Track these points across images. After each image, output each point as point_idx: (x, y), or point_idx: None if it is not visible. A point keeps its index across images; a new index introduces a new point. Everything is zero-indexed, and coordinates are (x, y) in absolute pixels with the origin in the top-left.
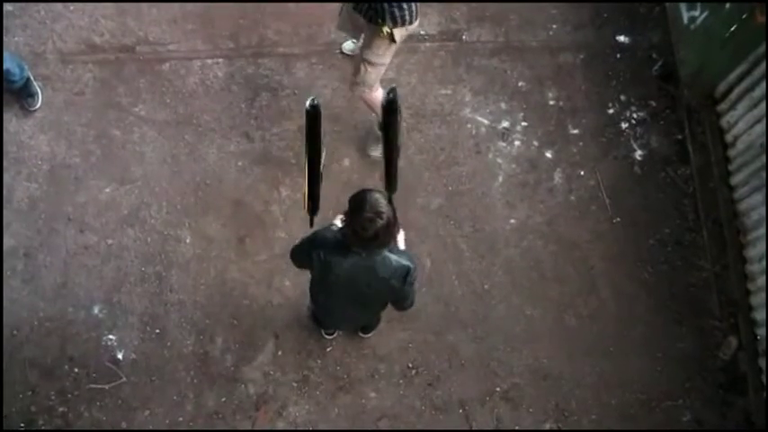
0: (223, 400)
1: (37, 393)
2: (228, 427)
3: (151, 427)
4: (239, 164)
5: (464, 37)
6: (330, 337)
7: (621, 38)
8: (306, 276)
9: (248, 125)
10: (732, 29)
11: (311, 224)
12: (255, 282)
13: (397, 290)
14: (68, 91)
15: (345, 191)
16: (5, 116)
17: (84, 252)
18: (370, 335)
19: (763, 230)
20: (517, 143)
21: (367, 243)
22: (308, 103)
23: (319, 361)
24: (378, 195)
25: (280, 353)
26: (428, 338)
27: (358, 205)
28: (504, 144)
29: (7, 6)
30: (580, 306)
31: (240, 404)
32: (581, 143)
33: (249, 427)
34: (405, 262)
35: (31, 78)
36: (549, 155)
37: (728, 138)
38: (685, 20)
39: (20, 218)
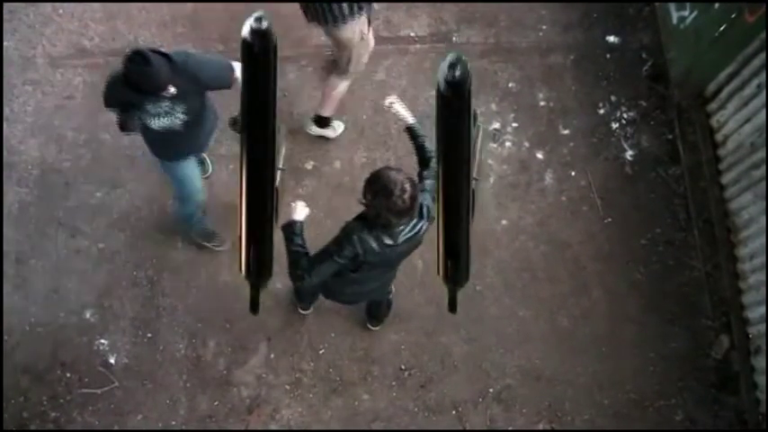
0: (216, 403)
1: (29, 399)
2: (221, 431)
3: None
4: (230, 167)
5: (454, 38)
6: (306, 312)
7: (611, 38)
8: None
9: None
10: (721, 28)
11: (254, 307)
12: (247, 285)
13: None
14: (58, 95)
15: (337, 194)
16: None
17: (76, 256)
18: (378, 327)
19: (753, 229)
20: (508, 144)
21: (407, 212)
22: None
23: (312, 363)
24: (393, 171)
25: (272, 356)
26: (420, 340)
27: (384, 187)
28: (494, 145)
29: None
30: (572, 306)
31: (233, 407)
32: (572, 144)
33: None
34: (426, 204)
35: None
36: (539, 156)
37: (719, 137)
38: (675, 20)
39: (10, 223)
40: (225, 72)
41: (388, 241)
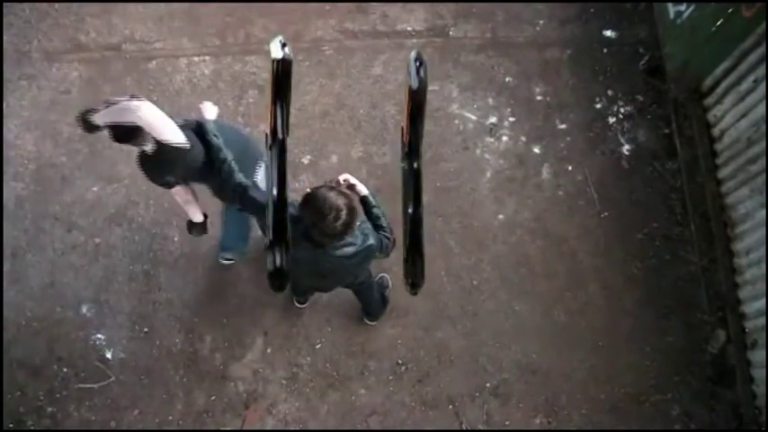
0: (212, 398)
1: (25, 394)
2: (218, 426)
3: (141, 427)
4: None
5: (451, 33)
6: (302, 306)
7: (608, 33)
8: None
9: (236, 122)
10: (718, 23)
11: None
12: (244, 280)
13: (364, 265)
14: (54, 90)
15: None
16: None
17: (72, 251)
18: (375, 322)
19: (750, 224)
20: (505, 139)
21: (337, 237)
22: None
23: (309, 358)
24: (333, 193)
25: (269, 350)
26: (417, 335)
27: (318, 210)
28: (491, 140)
29: None
30: (569, 301)
31: (230, 402)
32: (568, 138)
33: (239, 426)
34: (369, 242)
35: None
36: (536, 150)
37: (715, 132)
38: (672, 14)
39: (6, 218)
40: None
41: (318, 251)
